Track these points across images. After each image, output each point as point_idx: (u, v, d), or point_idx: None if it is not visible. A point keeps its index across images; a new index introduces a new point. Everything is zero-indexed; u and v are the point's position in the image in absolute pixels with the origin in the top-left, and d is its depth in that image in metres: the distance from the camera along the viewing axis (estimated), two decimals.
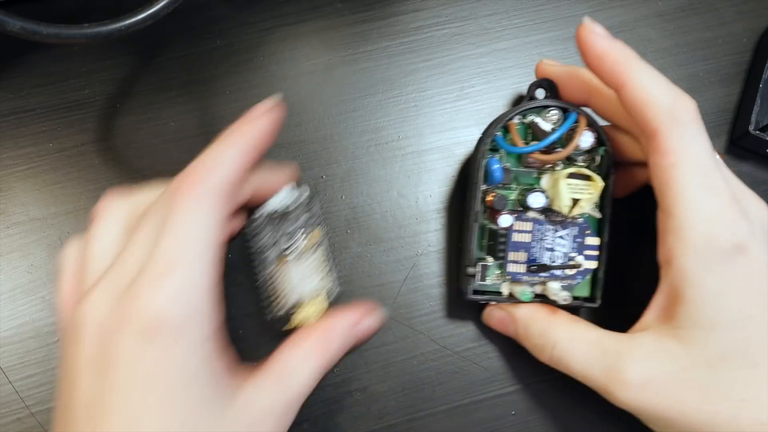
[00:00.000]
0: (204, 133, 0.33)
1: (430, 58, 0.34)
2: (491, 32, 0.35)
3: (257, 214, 0.29)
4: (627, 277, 0.32)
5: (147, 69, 0.33)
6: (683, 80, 0.34)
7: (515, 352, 0.30)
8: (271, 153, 0.33)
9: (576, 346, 0.27)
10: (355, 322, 0.28)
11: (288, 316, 0.29)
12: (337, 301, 0.30)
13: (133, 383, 0.23)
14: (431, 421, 0.31)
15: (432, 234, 0.33)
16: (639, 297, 0.28)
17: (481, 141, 0.30)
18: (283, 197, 0.29)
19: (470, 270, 0.29)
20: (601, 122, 0.30)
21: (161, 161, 0.33)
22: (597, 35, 0.26)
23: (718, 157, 0.29)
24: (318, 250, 0.29)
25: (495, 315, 0.31)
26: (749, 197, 0.27)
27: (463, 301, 0.32)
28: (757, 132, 0.33)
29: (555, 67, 0.30)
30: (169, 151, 0.33)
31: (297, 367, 0.26)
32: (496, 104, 0.34)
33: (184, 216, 0.24)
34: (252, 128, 0.26)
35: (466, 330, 0.32)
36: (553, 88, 0.30)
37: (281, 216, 0.29)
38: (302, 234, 0.29)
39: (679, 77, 0.35)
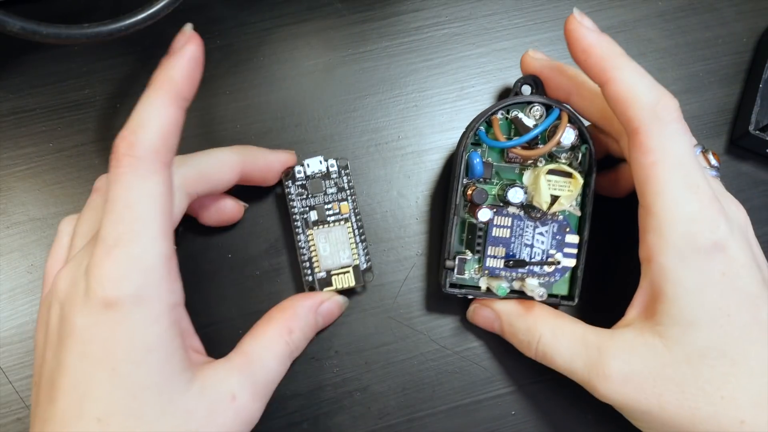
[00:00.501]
0: (204, 133, 0.33)
1: (430, 58, 0.34)
2: (491, 32, 0.35)
3: (287, 180, 0.30)
4: (609, 277, 0.32)
5: (147, 69, 0.33)
6: (683, 80, 0.34)
7: (515, 352, 0.30)
8: None
9: (560, 341, 0.28)
10: (315, 306, 0.28)
11: (320, 282, 0.30)
12: (366, 277, 0.31)
13: (84, 358, 0.23)
14: (431, 421, 0.31)
15: (432, 234, 0.33)
16: (621, 296, 0.28)
17: (464, 135, 0.30)
18: (312, 167, 0.30)
19: (448, 263, 0.29)
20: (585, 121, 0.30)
21: None
22: (585, 28, 0.26)
23: (712, 158, 0.29)
24: (345, 224, 0.30)
25: (479, 313, 0.31)
26: (728, 198, 0.28)
27: (467, 300, 0.32)
28: (757, 132, 0.33)
29: (539, 61, 0.30)
30: None
31: (262, 355, 0.26)
32: None
33: (119, 190, 0.23)
34: (173, 70, 0.24)
35: (466, 330, 0.32)
36: (539, 84, 0.30)
37: (311, 185, 0.30)
38: (330, 206, 0.30)
39: (679, 77, 0.35)
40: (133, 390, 0.23)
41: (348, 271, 0.30)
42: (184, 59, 0.24)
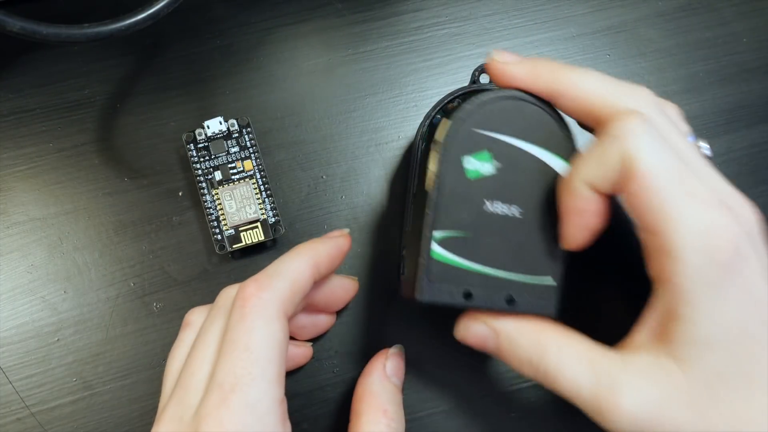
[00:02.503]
0: None
1: (430, 58, 0.34)
2: (491, 32, 0.35)
3: (189, 144, 0.31)
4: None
5: (147, 69, 0.33)
6: (683, 80, 0.34)
7: None
8: (270, 153, 0.33)
9: (566, 359, 0.25)
10: (382, 371, 0.29)
11: (229, 240, 0.31)
12: (276, 232, 0.31)
13: None
14: (431, 421, 0.31)
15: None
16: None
17: (421, 124, 0.30)
18: (212, 128, 0.31)
19: (405, 251, 0.29)
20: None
21: (161, 161, 0.33)
22: (505, 64, 0.25)
23: (704, 145, 0.27)
24: (250, 181, 0.31)
25: (472, 330, 0.27)
26: (731, 195, 0.24)
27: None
28: None
29: (512, 71, 0.26)
30: (169, 151, 0.33)
31: None
32: None
33: (240, 332, 0.23)
34: (320, 245, 0.26)
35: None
36: None
37: (213, 146, 0.31)
38: (233, 164, 0.31)
39: (679, 77, 0.35)
40: None
41: (256, 226, 0.31)
42: (333, 242, 0.27)
